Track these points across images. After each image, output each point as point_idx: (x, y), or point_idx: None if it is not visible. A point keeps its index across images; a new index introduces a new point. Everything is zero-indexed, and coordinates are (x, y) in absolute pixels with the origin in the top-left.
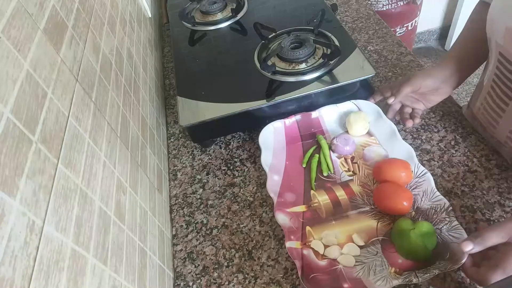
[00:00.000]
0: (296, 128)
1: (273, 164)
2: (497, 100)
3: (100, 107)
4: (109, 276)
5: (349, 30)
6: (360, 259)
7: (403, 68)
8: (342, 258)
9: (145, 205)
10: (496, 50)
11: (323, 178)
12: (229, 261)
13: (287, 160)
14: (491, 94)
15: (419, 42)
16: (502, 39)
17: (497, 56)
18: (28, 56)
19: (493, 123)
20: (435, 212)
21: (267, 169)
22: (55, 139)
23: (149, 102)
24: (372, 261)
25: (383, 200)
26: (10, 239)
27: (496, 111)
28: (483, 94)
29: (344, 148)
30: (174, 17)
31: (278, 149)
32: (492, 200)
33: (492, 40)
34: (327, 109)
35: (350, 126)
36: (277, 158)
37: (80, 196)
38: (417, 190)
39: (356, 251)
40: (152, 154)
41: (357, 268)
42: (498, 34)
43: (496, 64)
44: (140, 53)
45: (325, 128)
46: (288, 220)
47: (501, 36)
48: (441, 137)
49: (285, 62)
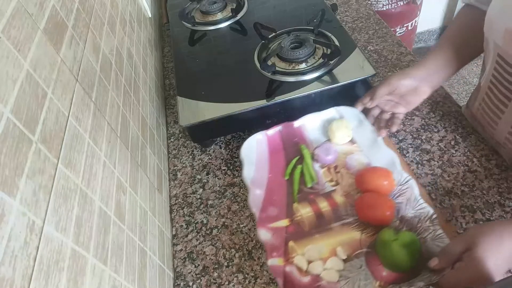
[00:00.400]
0: (279, 139)
1: (255, 178)
2: (495, 102)
3: (100, 107)
4: (109, 276)
5: (349, 30)
6: (344, 274)
7: (403, 68)
8: (325, 273)
9: (145, 205)
10: (494, 51)
11: (307, 189)
12: (229, 261)
13: (270, 172)
14: (489, 95)
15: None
16: (501, 40)
17: (495, 57)
18: (28, 56)
19: (492, 124)
20: (419, 220)
21: (249, 183)
22: (55, 139)
23: (149, 102)
24: (356, 275)
25: (365, 211)
26: (10, 239)
27: (495, 112)
28: (481, 95)
29: (325, 158)
30: (174, 17)
31: (261, 161)
32: (492, 200)
33: (490, 40)
34: (310, 118)
35: (333, 135)
36: (259, 172)
37: (80, 196)
38: (401, 198)
39: (339, 266)
40: (152, 154)
41: (341, 283)
42: (497, 35)
43: (494, 65)
44: (140, 53)
45: (309, 137)
46: (271, 236)
47: (500, 37)
48: (441, 137)
49: (285, 62)
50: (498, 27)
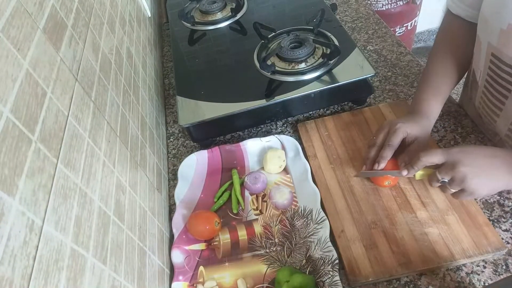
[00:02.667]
0: (219, 160)
1: (186, 197)
2: (493, 100)
3: (100, 107)
4: (108, 275)
5: (348, 29)
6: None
7: (403, 68)
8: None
9: (144, 204)
10: (487, 51)
11: (232, 215)
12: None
13: (202, 192)
14: (486, 94)
15: (419, 42)
16: (496, 40)
17: (488, 57)
18: (28, 55)
19: (491, 121)
20: (323, 263)
21: (178, 202)
22: (55, 139)
23: (148, 102)
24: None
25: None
26: (9, 239)
27: (493, 110)
28: (479, 93)
29: (252, 186)
30: (173, 16)
31: (197, 181)
32: (491, 200)
33: (483, 40)
34: (252, 142)
35: (266, 163)
36: (192, 191)
37: (80, 195)
38: (313, 237)
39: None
40: (151, 154)
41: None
42: (492, 35)
43: (488, 65)
44: (140, 53)
45: (247, 163)
46: (183, 258)
47: (495, 38)
48: (440, 137)
49: (284, 62)
50: (493, 27)
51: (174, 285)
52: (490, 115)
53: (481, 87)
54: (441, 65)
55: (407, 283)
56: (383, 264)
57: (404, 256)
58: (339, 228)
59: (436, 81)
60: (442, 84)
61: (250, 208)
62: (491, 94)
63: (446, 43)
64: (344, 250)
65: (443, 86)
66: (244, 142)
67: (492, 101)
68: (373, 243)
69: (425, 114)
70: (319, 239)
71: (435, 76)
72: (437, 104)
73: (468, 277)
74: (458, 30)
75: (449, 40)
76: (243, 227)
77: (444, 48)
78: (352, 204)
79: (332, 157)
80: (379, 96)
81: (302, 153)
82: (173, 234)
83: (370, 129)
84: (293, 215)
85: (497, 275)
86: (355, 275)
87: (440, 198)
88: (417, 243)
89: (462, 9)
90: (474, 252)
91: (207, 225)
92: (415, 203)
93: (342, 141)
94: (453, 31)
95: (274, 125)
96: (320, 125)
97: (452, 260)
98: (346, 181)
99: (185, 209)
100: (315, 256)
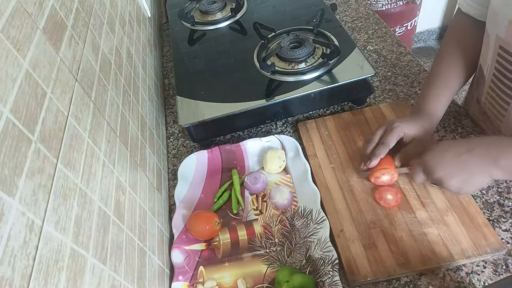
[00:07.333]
0: (219, 160)
1: (186, 197)
2: (500, 94)
3: (100, 107)
4: (108, 275)
5: (348, 29)
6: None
7: (403, 67)
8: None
9: (144, 204)
10: (495, 44)
11: (232, 215)
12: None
13: (202, 192)
14: (493, 88)
15: (419, 42)
16: (505, 32)
17: (496, 50)
18: (28, 55)
19: (499, 116)
20: (323, 263)
21: (178, 202)
22: (55, 139)
23: (148, 102)
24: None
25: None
26: (9, 239)
27: (501, 105)
28: (485, 88)
29: (252, 186)
30: (173, 16)
31: (197, 181)
32: (491, 200)
33: (491, 33)
34: (252, 142)
35: (266, 163)
36: (192, 191)
37: (80, 195)
38: (313, 237)
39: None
40: (151, 154)
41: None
42: (500, 27)
43: (495, 58)
44: (140, 53)
45: (247, 163)
46: (183, 258)
47: (504, 30)
48: (440, 137)
49: (284, 62)
50: (501, 19)
51: (174, 285)
52: (498, 109)
53: (488, 82)
54: (450, 62)
55: (407, 283)
56: (382, 264)
57: (403, 256)
58: (338, 228)
59: (446, 76)
60: (451, 81)
61: (250, 208)
62: (498, 88)
63: (455, 41)
64: (343, 249)
65: (451, 82)
66: (244, 142)
67: (499, 95)
68: (372, 243)
69: (429, 114)
70: (319, 239)
71: (445, 72)
72: (444, 101)
73: (468, 277)
74: (468, 29)
75: (459, 38)
76: (243, 227)
77: (454, 46)
78: (352, 203)
79: (332, 156)
80: (379, 96)
81: (302, 153)
82: (173, 234)
83: (370, 129)
84: (293, 215)
85: (497, 275)
86: (353, 275)
87: (439, 199)
88: (416, 243)
89: (472, 8)
90: (473, 253)
91: (207, 225)
92: (415, 203)
93: (342, 140)
94: (462, 30)
95: (274, 125)
96: (320, 125)
97: (451, 261)
98: (346, 180)
99: (185, 209)
100: (315, 256)
